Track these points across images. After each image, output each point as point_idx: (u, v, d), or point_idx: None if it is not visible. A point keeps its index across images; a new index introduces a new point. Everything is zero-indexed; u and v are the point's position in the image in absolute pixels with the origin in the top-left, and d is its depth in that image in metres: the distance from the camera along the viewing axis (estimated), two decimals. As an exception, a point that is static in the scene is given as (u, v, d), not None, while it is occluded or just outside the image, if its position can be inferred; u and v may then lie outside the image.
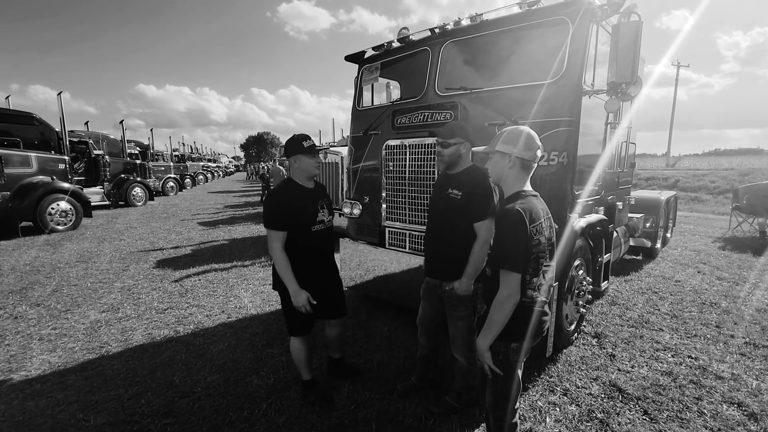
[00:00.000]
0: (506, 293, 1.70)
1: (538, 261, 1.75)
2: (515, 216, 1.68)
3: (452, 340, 2.57)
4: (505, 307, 1.71)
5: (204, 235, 9.18)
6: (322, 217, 2.59)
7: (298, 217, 2.46)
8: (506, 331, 1.76)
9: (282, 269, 2.42)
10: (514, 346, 1.81)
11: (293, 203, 2.47)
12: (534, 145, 1.83)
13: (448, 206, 2.45)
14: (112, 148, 15.55)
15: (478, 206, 2.35)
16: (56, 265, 6.39)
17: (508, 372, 1.87)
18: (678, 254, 7.17)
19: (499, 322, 1.73)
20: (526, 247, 1.68)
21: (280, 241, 2.42)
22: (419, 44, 3.82)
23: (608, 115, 3.45)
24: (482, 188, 2.36)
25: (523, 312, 1.78)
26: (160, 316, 4.32)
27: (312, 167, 2.54)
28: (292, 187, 2.56)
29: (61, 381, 3.04)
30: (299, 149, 2.49)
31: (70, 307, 4.58)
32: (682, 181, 19.31)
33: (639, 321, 4.18)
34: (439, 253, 2.56)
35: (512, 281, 1.69)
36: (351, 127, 4.55)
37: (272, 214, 2.45)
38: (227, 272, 6.00)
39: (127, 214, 12.60)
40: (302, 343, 2.65)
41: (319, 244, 2.60)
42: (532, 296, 1.77)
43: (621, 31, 2.74)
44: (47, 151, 10.18)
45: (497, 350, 1.81)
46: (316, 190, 2.64)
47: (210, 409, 2.68)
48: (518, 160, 1.83)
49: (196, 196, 19.61)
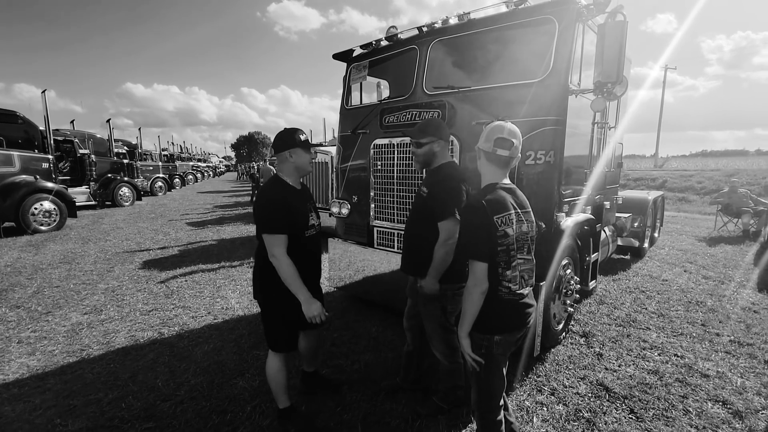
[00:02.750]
0: (473, 282, 1.73)
1: (508, 253, 1.75)
2: (476, 206, 1.75)
3: (429, 338, 2.56)
4: (473, 295, 1.74)
5: (192, 235, 9.06)
6: (313, 221, 2.38)
7: (294, 219, 2.22)
8: (487, 324, 1.79)
9: (290, 277, 2.13)
10: (497, 339, 1.81)
11: (289, 202, 2.22)
12: (492, 137, 1.81)
13: (418, 203, 2.47)
14: (99, 148, 15.30)
15: (439, 205, 2.29)
16: (38, 266, 6.24)
17: (491, 366, 1.86)
18: (665, 254, 7.25)
19: (470, 311, 1.76)
20: (488, 237, 1.71)
21: (283, 246, 2.14)
22: (407, 43, 3.79)
23: (595, 114, 3.46)
24: (445, 186, 2.31)
25: (502, 304, 1.79)
26: (145, 317, 4.23)
27: (307, 163, 2.32)
28: (282, 186, 2.29)
29: (39, 385, 2.96)
30: (295, 142, 2.25)
31: (51, 309, 4.47)
32: (670, 181, 19.60)
33: (626, 320, 4.21)
34: (409, 251, 2.56)
35: (477, 270, 1.71)
36: (339, 126, 4.52)
37: (270, 214, 2.16)
38: (215, 273, 5.92)
39: (113, 215, 12.39)
40: (283, 362, 2.37)
41: (310, 248, 2.38)
42: (508, 287, 1.77)
43: (607, 31, 2.75)
44: (31, 150, 9.98)
45: (480, 343, 1.82)
46: (303, 191, 2.42)
47: (193, 412, 2.62)
48: (481, 152, 1.87)
49: (185, 196, 19.38)
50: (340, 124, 4.49)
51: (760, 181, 16.92)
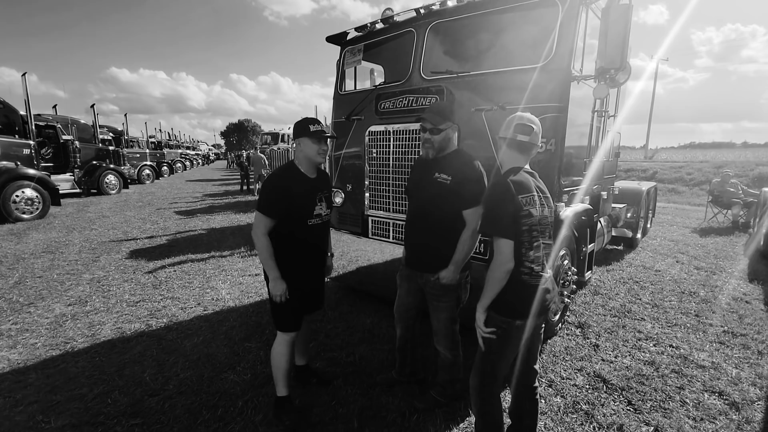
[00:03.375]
0: (499, 259, 1.74)
1: (531, 234, 1.78)
2: (502, 185, 1.78)
3: (435, 333, 2.48)
4: (496, 272, 1.74)
5: (181, 224, 8.87)
6: (319, 210, 2.39)
7: (294, 207, 2.28)
8: (510, 307, 1.80)
9: (264, 255, 2.25)
10: (518, 323, 1.81)
11: (292, 190, 2.27)
12: (512, 123, 1.88)
13: (436, 192, 2.30)
14: (83, 134, 14.83)
15: (468, 192, 2.23)
16: (20, 255, 6.04)
17: (504, 349, 1.86)
18: (657, 244, 7.29)
19: (493, 288, 1.76)
20: (513, 214, 1.73)
21: (265, 227, 2.23)
22: (404, 25, 3.65)
23: (595, 102, 3.38)
24: (473, 173, 2.27)
25: (525, 287, 1.80)
26: (132, 309, 4.10)
27: (314, 154, 2.31)
28: (293, 173, 2.35)
29: (21, 379, 2.83)
30: (304, 132, 2.28)
31: (33, 300, 4.31)
32: (660, 172, 19.76)
33: (621, 311, 4.20)
34: (424, 244, 2.42)
35: (504, 247, 1.72)
36: (333, 113, 4.37)
37: (267, 197, 2.26)
38: (204, 263, 5.78)
39: (99, 203, 12.09)
40: (290, 345, 2.39)
41: (314, 238, 2.43)
42: (531, 269, 1.79)
43: (611, 15, 2.66)
44: (11, 135, 9.63)
45: (499, 325, 1.80)
46: (317, 180, 2.42)
47: (182, 408, 2.53)
48: (502, 141, 1.92)
49: (173, 185, 19.01)
50: (333, 110, 4.35)
51: (748, 173, 17.12)
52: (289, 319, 2.38)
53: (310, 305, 2.54)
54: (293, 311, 2.37)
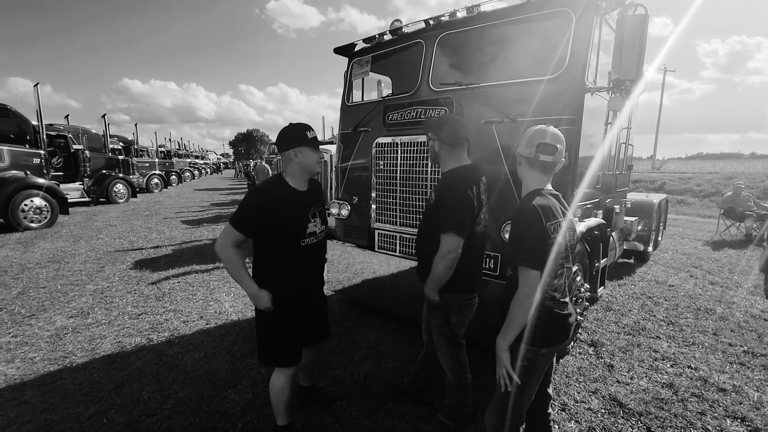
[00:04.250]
0: (526, 291, 1.61)
1: (556, 261, 1.68)
2: (529, 211, 1.65)
3: (436, 347, 2.40)
4: (523, 305, 1.62)
5: (187, 234, 8.85)
6: (314, 228, 2.14)
7: (282, 230, 2.04)
8: (535, 335, 1.68)
9: (234, 268, 1.98)
10: (543, 351, 1.71)
11: (278, 211, 2.01)
12: (534, 142, 1.76)
13: (426, 210, 2.34)
14: (94, 143, 15.03)
15: (443, 215, 2.10)
16: (26, 265, 6.03)
17: (530, 379, 1.74)
18: (669, 258, 7.12)
19: (518, 322, 1.64)
20: (542, 243, 1.62)
21: (233, 241, 1.97)
22: (413, 37, 3.61)
23: (608, 114, 3.30)
24: (447, 197, 2.11)
25: (550, 315, 1.70)
26: (133, 322, 4.04)
27: (314, 164, 2.10)
28: (282, 189, 2.08)
29: (16, 396, 2.76)
30: (303, 140, 2.03)
31: (35, 311, 4.27)
32: (669, 184, 19.50)
33: (635, 328, 4.06)
34: (422, 256, 2.38)
35: (531, 278, 1.60)
36: (340, 124, 4.33)
37: (244, 213, 2.00)
38: (209, 274, 5.72)
39: (107, 212, 12.15)
40: (289, 380, 2.18)
41: (310, 260, 2.19)
42: (555, 297, 1.70)
43: (626, 25, 2.59)
44: (23, 145, 9.73)
45: (524, 355, 1.68)
46: (309, 193, 2.18)
47: (179, 429, 2.43)
48: (522, 158, 1.81)
49: (181, 194, 19.11)
50: (340, 121, 4.31)
51: (759, 185, 16.84)
52: (288, 350, 2.15)
53: (314, 334, 2.35)
54: (292, 342, 2.15)
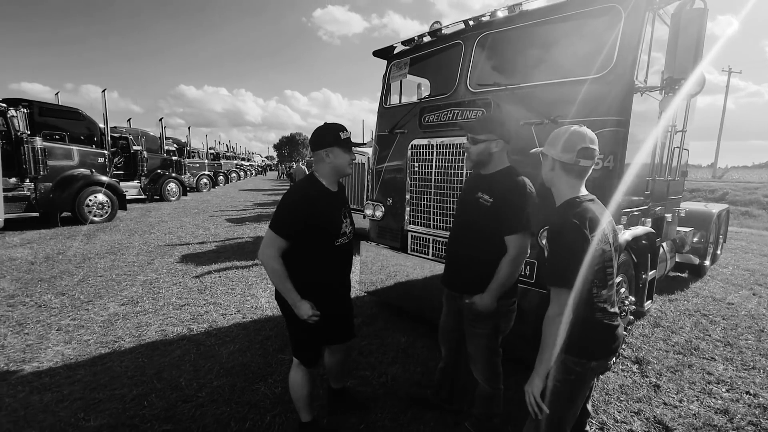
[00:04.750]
0: (557, 311, 1.53)
1: (604, 271, 1.58)
2: (573, 228, 1.52)
3: (472, 360, 2.30)
4: (555, 325, 1.53)
5: (230, 231, 9.25)
6: (345, 228, 2.15)
7: (320, 228, 2.03)
8: (586, 347, 1.59)
9: (279, 279, 1.97)
10: (593, 365, 1.60)
11: (317, 207, 2.01)
12: (574, 146, 1.63)
13: (475, 212, 2.15)
14: (151, 145, 16.13)
15: (509, 217, 2.04)
16: (87, 255, 6.55)
17: (577, 394, 1.64)
18: (729, 273, 6.54)
19: (551, 343, 1.54)
20: (584, 261, 1.51)
21: (278, 249, 1.96)
22: (452, 38, 3.58)
23: (661, 115, 3.09)
24: (515, 196, 2.05)
25: (600, 328, 1.60)
26: (177, 312, 4.26)
27: (346, 165, 2.10)
28: (317, 189, 2.08)
29: (70, 375, 2.99)
30: (336, 141, 2.03)
31: (92, 298, 4.61)
32: (732, 194, 17.96)
33: (687, 347, 3.75)
34: (460, 264, 2.29)
35: (563, 298, 1.51)
36: (377, 126, 4.37)
37: (285, 216, 1.97)
38: (248, 270, 5.94)
39: (160, 209, 12.95)
40: (308, 376, 2.19)
41: (342, 260, 2.20)
42: (604, 308, 1.59)
43: (682, 20, 2.41)
44: (91, 145, 10.61)
45: (572, 368, 1.59)
46: (339, 194, 2.19)
47: (212, 417, 2.53)
48: (557, 163, 1.66)
49: (227, 193, 20.04)
50: (377, 123, 4.34)
51: (842, 197, 15.13)
52: (307, 352, 2.17)
53: (339, 335, 2.31)
54: (313, 344, 2.17)
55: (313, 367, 2.20)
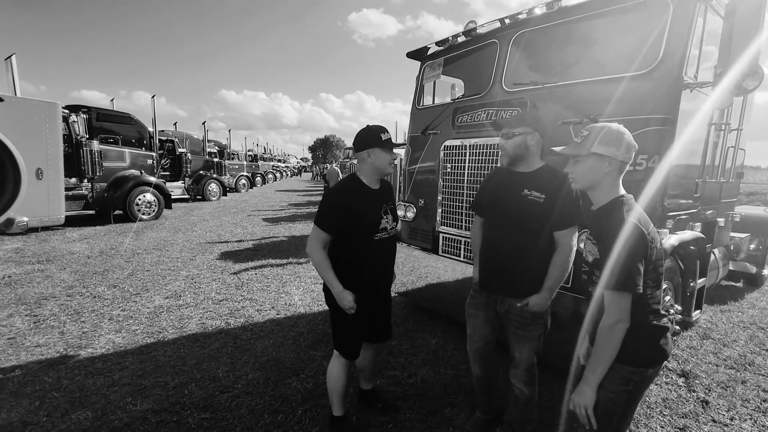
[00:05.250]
0: (616, 318, 1.45)
1: (657, 271, 1.51)
2: (634, 231, 1.45)
3: (515, 365, 2.21)
4: (615, 334, 1.46)
5: (266, 230, 9.55)
6: (386, 224, 2.23)
7: (359, 222, 2.15)
8: (642, 355, 1.52)
9: (322, 269, 2.12)
10: (650, 372, 1.54)
11: (356, 204, 2.15)
12: (631, 147, 1.59)
13: (526, 211, 2.08)
14: (194, 147, 16.95)
15: (566, 212, 2.04)
16: (136, 250, 6.97)
17: (632, 405, 1.58)
18: (793, 284, 6.01)
19: (610, 354, 1.47)
20: (643, 261, 1.46)
21: (321, 242, 2.12)
22: (487, 37, 3.52)
23: (713, 113, 2.90)
24: (570, 191, 2.03)
25: (655, 330, 1.53)
26: (216, 306, 4.45)
27: (386, 164, 2.20)
28: (357, 186, 2.22)
29: (120, 362, 3.20)
30: (376, 142, 2.14)
31: (140, 291, 4.91)
32: (797, 198, 16.51)
33: (740, 362, 3.48)
34: (510, 268, 2.17)
35: (624, 304, 1.45)
36: (409, 127, 4.37)
37: (326, 211, 2.15)
38: (282, 268, 6.11)
39: (202, 208, 13.57)
40: (346, 369, 2.28)
41: (382, 254, 2.28)
42: (657, 311, 1.53)
43: (739, 11, 2.25)
44: (140, 148, 11.31)
45: (628, 378, 1.51)
46: (381, 191, 2.28)
47: (247, 408, 2.63)
48: (618, 164, 1.58)
49: (264, 194, 20.69)
50: (410, 124, 4.34)
51: None
52: (349, 344, 2.26)
53: (375, 333, 2.39)
54: (355, 336, 2.26)
55: (353, 359, 2.28)
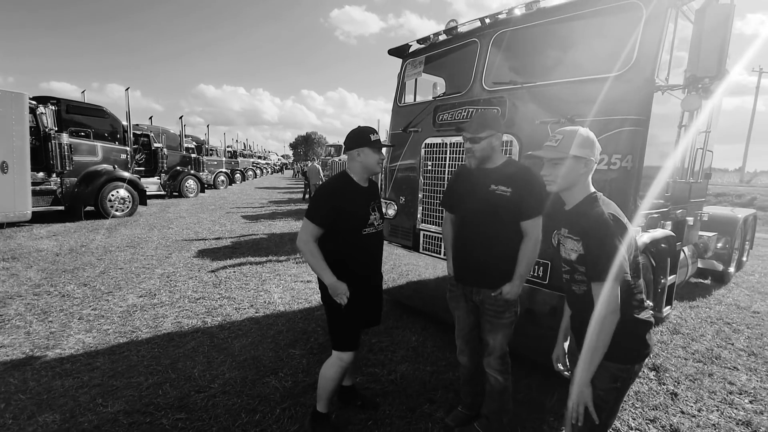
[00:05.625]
0: (609, 308, 1.45)
1: (636, 261, 1.57)
2: (616, 221, 1.52)
3: (489, 353, 2.27)
4: (607, 326, 1.47)
5: (245, 228, 9.39)
6: (373, 220, 2.32)
7: (346, 218, 2.21)
8: (629, 351, 1.54)
9: (314, 261, 2.16)
10: (636, 368, 1.57)
11: (346, 199, 2.22)
12: (598, 147, 1.67)
13: (495, 205, 2.17)
14: (171, 142, 16.47)
15: (533, 202, 2.13)
16: (108, 248, 6.74)
17: (619, 405, 1.62)
18: (756, 281, 6.31)
19: (602, 347, 1.48)
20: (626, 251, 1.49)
21: (312, 236, 2.17)
22: (467, 36, 3.54)
23: (683, 115, 3.00)
24: (535, 183, 2.13)
25: (640, 324, 1.56)
26: (192, 305, 4.35)
27: (375, 164, 2.28)
28: (347, 183, 2.30)
29: (90, 362, 3.09)
30: (366, 142, 2.22)
31: (112, 289, 4.75)
32: (760, 199, 17.32)
33: (708, 356, 3.63)
34: (483, 260, 2.26)
35: (615, 294, 1.46)
36: (390, 124, 4.37)
37: (317, 205, 2.20)
38: (262, 266, 6.02)
39: (178, 204, 13.24)
40: (344, 370, 2.28)
41: (370, 248, 2.36)
42: (642, 300, 1.56)
43: (708, 16, 2.33)
44: (113, 142, 10.93)
45: (617, 376, 1.53)
46: (369, 189, 2.38)
47: (223, 407, 2.58)
48: (591, 164, 1.66)
49: (243, 191, 20.35)
50: (391, 122, 4.34)
51: None
52: (348, 336, 2.28)
53: (368, 320, 2.45)
54: (353, 327, 2.28)
55: (355, 350, 2.31)
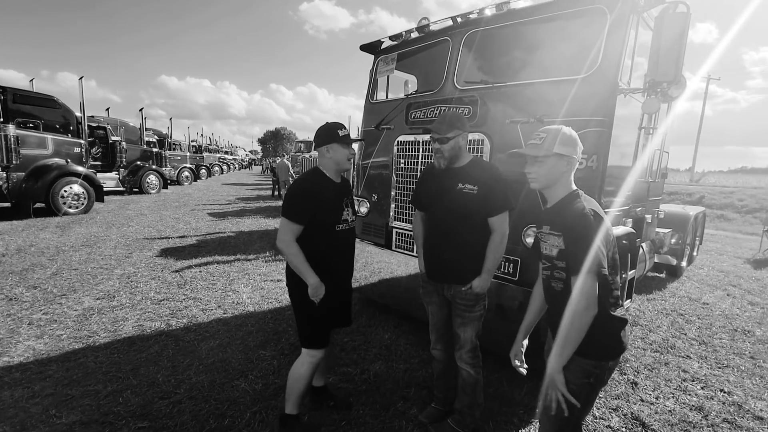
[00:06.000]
0: (586, 303, 1.47)
1: (614, 257, 1.58)
2: (597, 217, 1.53)
3: (460, 347, 2.31)
4: (584, 319, 1.48)
5: (212, 226, 9.08)
6: (346, 216, 2.31)
7: (323, 213, 2.19)
8: (604, 348, 1.56)
9: (297, 261, 2.12)
10: (611, 364, 1.59)
11: (320, 195, 2.19)
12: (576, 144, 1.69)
13: (462, 203, 2.22)
14: (130, 136, 15.68)
15: (497, 199, 2.19)
16: (61, 247, 6.33)
17: (591, 399, 1.63)
18: (705, 274, 6.75)
19: (577, 338, 1.50)
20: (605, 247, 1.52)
21: (293, 234, 2.13)
22: (439, 34, 3.56)
23: (643, 117, 3.14)
24: (499, 180, 2.23)
25: (615, 321, 1.57)
26: (155, 307, 4.15)
27: (344, 159, 2.27)
28: (320, 178, 2.27)
29: (41, 371, 2.88)
30: (334, 138, 2.22)
31: (66, 291, 4.46)
32: (708, 197, 18.57)
33: (663, 345, 3.84)
34: (453, 258, 2.29)
35: (592, 289, 1.47)
36: (363, 121, 4.33)
37: (294, 202, 2.15)
38: (230, 265, 5.83)
39: (139, 201, 12.63)
40: (314, 368, 2.26)
41: (343, 245, 2.34)
42: (618, 297, 1.58)
43: (665, 24, 2.44)
44: (65, 134, 10.26)
45: (590, 372, 1.54)
46: (342, 185, 2.36)
47: (190, 414, 2.47)
48: (574, 162, 1.68)
49: (209, 187, 19.68)
50: (363, 119, 4.30)
51: (810, 202, 15.78)
52: (318, 333, 2.25)
53: (338, 319, 2.41)
54: (323, 324, 2.26)
55: (325, 347, 2.29)
